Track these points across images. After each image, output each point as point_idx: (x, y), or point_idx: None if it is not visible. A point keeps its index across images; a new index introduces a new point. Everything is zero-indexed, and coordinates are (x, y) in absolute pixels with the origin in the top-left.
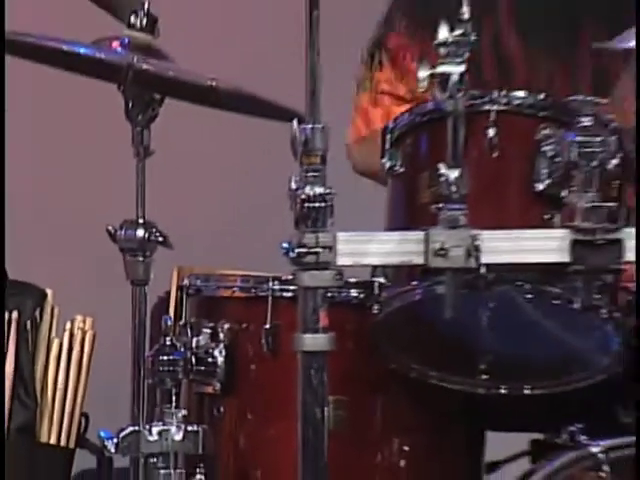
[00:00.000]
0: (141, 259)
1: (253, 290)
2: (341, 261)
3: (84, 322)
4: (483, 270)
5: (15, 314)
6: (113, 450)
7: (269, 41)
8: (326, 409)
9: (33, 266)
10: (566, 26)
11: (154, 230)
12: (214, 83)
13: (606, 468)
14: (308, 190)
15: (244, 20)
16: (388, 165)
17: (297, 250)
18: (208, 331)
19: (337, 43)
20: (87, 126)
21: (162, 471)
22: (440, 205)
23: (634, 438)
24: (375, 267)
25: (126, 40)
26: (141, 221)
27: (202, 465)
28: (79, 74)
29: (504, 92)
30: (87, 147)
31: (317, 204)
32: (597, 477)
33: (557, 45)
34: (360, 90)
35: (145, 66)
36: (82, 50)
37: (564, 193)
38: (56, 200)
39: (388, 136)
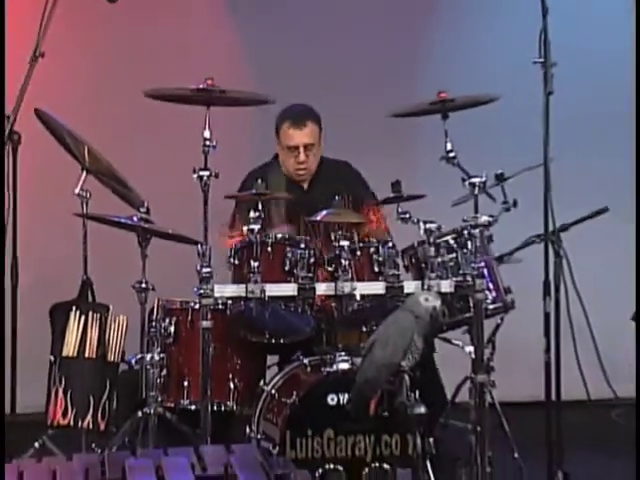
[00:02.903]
0: (143, 295)
1: (184, 305)
2: (215, 295)
3: (123, 318)
4: (266, 298)
5: (98, 315)
6: (134, 363)
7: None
8: (210, 348)
9: (103, 299)
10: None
11: (150, 284)
12: (170, 231)
13: (309, 368)
14: (204, 270)
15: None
16: (232, 261)
17: (200, 291)
18: (167, 321)
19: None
20: (124, 248)
21: (150, 370)
22: (250, 275)
23: (320, 356)
24: (228, 297)
25: (138, 216)
26: (144, 281)
27: (165, 369)
28: (120, 228)
29: (272, 234)
30: (122, 258)
31: (207, 275)
32: (306, 371)
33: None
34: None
35: (145, 226)
36: (122, 220)
37: (295, 271)
38: (117, 276)
39: (233, 250)
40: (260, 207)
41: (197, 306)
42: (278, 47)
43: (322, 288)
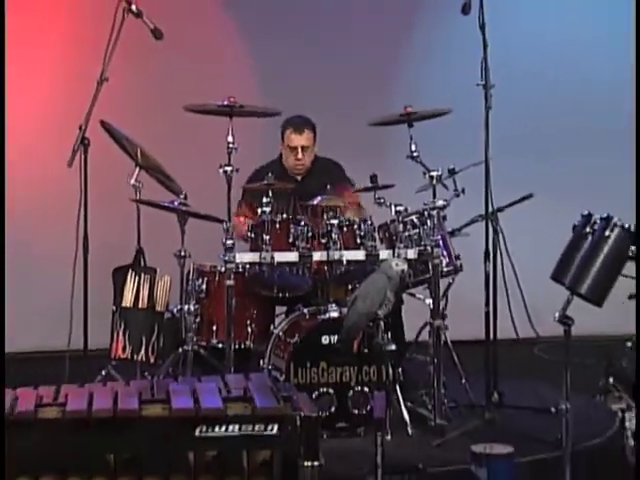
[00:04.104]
0: (182, 261)
1: (213, 269)
2: (237, 261)
3: (167, 278)
4: (275, 263)
5: (148, 276)
6: (175, 312)
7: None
8: (233, 301)
9: (152, 263)
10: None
11: (187, 252)
12: (202, 212)
13: (307, 316)
14: (228, 242)
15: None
16: (249, 235)
17: (225, 258)
18: (200, 280)
19: None
20: (168, 225)
21: (188, 318)
22: (263, 246)
23: (316, 307)
24: (246, 263)
25: (178, 201)
26: (183, 250)
27: (199, 317)
28: (165, 210)
29: (280, 216)
30: (166, 233)
31: (230, 246)
32: (305, 318)
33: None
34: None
35: (183, 208)
36: (166, 204)
37: (297, 242)
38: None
39: (250, 227)
40: (270, 194)
41: (223, 269)
42: (284, 69)
43: (317, 255)
